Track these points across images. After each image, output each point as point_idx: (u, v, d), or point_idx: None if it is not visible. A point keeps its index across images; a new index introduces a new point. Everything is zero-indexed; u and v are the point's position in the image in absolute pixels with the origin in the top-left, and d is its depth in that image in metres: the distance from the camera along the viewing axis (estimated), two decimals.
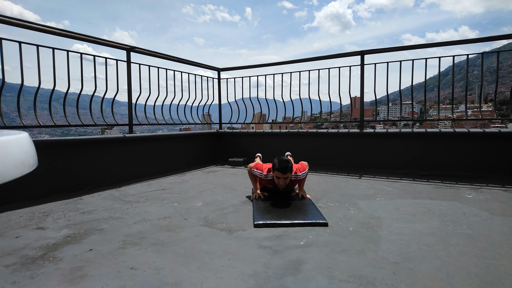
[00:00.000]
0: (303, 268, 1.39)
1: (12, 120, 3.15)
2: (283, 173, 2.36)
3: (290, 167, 2.38)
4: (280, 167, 2.36)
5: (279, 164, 2.38)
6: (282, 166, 2.36)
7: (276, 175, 2.41)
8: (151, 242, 1.72)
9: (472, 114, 5.90)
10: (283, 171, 2.35)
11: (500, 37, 3.38)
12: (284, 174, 2.36)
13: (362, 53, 3.89)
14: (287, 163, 2.38)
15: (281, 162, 2.38)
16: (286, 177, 2.39)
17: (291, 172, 2.41)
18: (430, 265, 1.40)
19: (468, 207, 2.28)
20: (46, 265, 1.45)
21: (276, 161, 2.41)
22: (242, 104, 5.06)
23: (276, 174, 2.40)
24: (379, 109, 4.26)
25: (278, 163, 2.38)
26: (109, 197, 2.74)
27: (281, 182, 2.41)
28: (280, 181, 2.41)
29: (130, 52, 3.61)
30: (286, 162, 2.38)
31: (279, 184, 2.43)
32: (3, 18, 2.51)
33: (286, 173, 2.37)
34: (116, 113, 3.57)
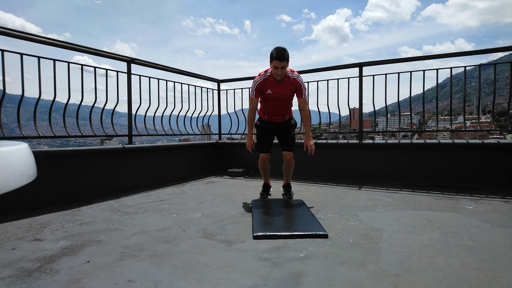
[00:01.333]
0: (303, 280, 1.37)
1: (12, 131, 3.15)
2: (280, 60, 2.50)
3: (287, 55, 2.53)
4: (277, 54, 2.50)
5: (276, 52, 2.51)
6: (279, 53, 2.49)
7: (274, 65, 2.54)
8: (149, 254, 1.70)
9: (471, 125, 5.93)
10: (280, 58, 2.49)
11: (496, 49, 3.43)
12: (282, 61, 2.50)
13: (361, 65, 3.94)
14: (284, 50, 2.51)
15: (277, 50, 2.51)
16: (283, 66, 2.53)
17: (288, 60, 2.55)
18: (431, 277, 1.38)
19: (468, 219, 2.27)
20: (43, 277, 1.43)
21: (273, 50, 2.55)
22: (241, 114, 5.08)
23: (274, 63, 2.54)
24: (378, 120, 4.28)
25: (276, 51, 2.51)
26: (108, 208, 2.72)
27: (279, 72, 2.56)
28: (278, 71, 2.55)
29: (131, 64, 3.65)
30: (283, 50, 2.51)
31: (276, 74, 2.58)
32: (6, 31, 2.55)
33: (283, 61, 2.51)
34: (115, 124, 3.58)
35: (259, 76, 2.74)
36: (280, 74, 2.59)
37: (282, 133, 2.93)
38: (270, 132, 2.96)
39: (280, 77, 2.64)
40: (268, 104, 2.84)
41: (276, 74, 2.60)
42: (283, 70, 2.58)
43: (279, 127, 2.93)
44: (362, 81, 3.94)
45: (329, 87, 4.18)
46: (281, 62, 2.52)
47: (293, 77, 2.71)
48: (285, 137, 2.90)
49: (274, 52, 2.53)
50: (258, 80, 2.72)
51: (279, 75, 2.61)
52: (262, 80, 2.72)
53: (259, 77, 2.73)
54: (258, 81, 2.72)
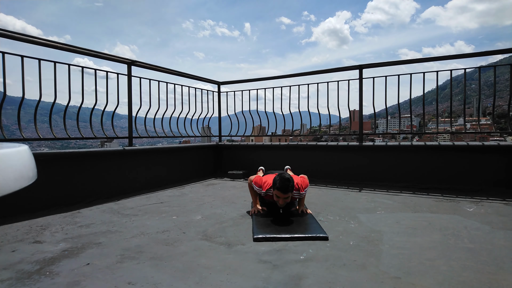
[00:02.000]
0: (304, 283, 1.37)
1: (12, 133, 3.15)
2: (283, 192, 2.24)
3: (292, 186, 2.26)
4: (280, 186, 2.23)
5: (280, 183, 2.24)
6: (283, 186, 2.23)
7: (276, 193, 2.28)
8: (149, 256, 1.69)
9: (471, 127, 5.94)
10: (283, 190, 2.23)
11: (496, 51, 3.43)
12: (285, 194, 2.24)
13: (361, 67, 3.94)
14: (288, 182, 2.25)
15: (282, 181, 2.24)
16: (286, 197, 2.27)
17: (292, 191, 2.29)
18: (432, 280, 1.38)
19: (469, 221, 2.27)
20: (42, 279, 1.43)
21: (277, 179, 2.27)
22: (241, 117, 5.08)
23: (276, 193, 2.28)
24: (378, 122, 4.28)
25: (279, 182, 2.24)
26: (108, 210, 2.71)
27: (281, 202, 2.30)
28: (280, 201, 2.29)
29: (131, 66, 3.65)
30: (287, 181, 2.25)
31: (278, 202, 2.32)
32: (7, 33, 2.55)
33: (287, 193, 2.24)
34: (116, 126, 3.58)
35: (260, 188, 2.48)
36: (283, 203, 2.32)
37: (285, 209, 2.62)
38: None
39: (283, 205, 2.36)
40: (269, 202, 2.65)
41: (279, 203, 2.33)
42: (286, 200, 2.31)
43: None
44: (362, 83, 3.94)
45: (329, 89, 4.19)
46: (285, 194, 2.25)
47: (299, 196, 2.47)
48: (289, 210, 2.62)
49: (277, 182, 2.26)
50: (259, 191, 2.51)
51: (280, 204, 2.34)
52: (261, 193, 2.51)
53: (260, 189, 2.48)
54: (259, 191, 2.52)
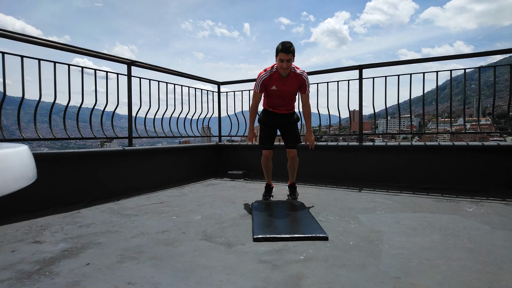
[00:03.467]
0: (303, 283, 1.37)
1: (12, 133, 3.16)
2: (286, 53, 2.51)
3: (293, 48, 2.55)
4: (283, 47, 2.52)
5: (282, 45, 2.54)
6: (285, 45, 2.52)
7: (280, 57, 2.55)
8: (149, 256, 1.69)
9: (471, 127, 5.94)
10: (286, 50, 2.51)
11: (495, 52, 3.43)
12: (287, 54, 2.52)
13: (360, 67, 3.94)
14: (290, 44, 2.55)
15: (283, 43, 2.55)
16: (289, 59, 2.55)
17: (294, 52, 2.57)
18: (431, 280, 1.38)
19: (469, 221, 2.27)
20: (42, 279, 1.43)
21: (279, 44, 2.57)
22: (241, 117, 5.08)
23: (280, 56, 2.55)
24: (378, 122, 4.28)
25: (281, 44, 2.54)
26: (107, 210, 2.71)
27: (284, 65, 2.56)
28: (284, 64, 2.56)
29: (131, 66, 3.65)
30: (289, 43, 2.54)
31: (282, 67, 2.58)
32: (6, 33, 2.55)
33: (289, 54, 2.52)
34: (115, 126, 3.58)
35: (265, 72, 2.74)
36: (286, 67, 2.60)
37: (286, 129, 2.96)
38: (273, 128, 2.98)
39: (286, 71, 2.65)
40: (272, 99, 2.87)
41: (282, 68, 2.61)
42: (288, 64, 2.59)
43: (282, 122, 2.95)
44: (362, 83, 3.94)
45: (329, 89, 4.19)
46: (287, 55, 2.53)
47: (299, 72, 2.73)
48: (289, 134, 2.94)
49: (280, 45, 2.57)
50: (264, 76, 2.74)
51: (284, 69, 2.61)
52: (267, 76, 2.73)
53: (265, 72, 2.74)
54: (264, 76, 2.74)
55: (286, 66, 2.58)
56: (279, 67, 2.63)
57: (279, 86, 2.75)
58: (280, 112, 2.93)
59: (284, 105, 2.90)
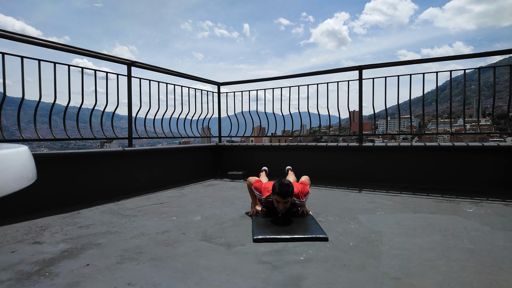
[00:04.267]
0: (303, 284, 1.37)
1: (12, 134, 3.15)
2: (283, 198, 2.23)
3: (291, 191, 2.26)
4: (280, 191, 2.22)
5: (279, 188, 2.24)
6: (283, 191, 2.22)
7: (276, 198, 2.28)
8: (148, 257, 1.69)
9: (471, 128, 5.94)
10: (283, 196, 2.22)
11: (495, 52, 3.43)
12: (284, 199, 2.23)
13: (360, 68, 3.95)
14: (288, 187, 2.24)
15: (281, 186, 2.24)
16: (286, 202, 2.26)
17: (292, 196, 2.28)
18: (431, 280, 1.38)
19: (469, 221, 2.27)
20: (42, 280, 1.42)
21: (277, 185, 2.27)
22: (241, 117, 5.08)
23: (275, 197, 2.27)
24: (377, 123, 4.28)
25: (278, 187, 2.24)
26: (107, 211, 2.71)
27: (281, 207, 2.28)
28: (280, 205, 2.28)
29: (131, 67, 3.65)
30: (287, 187, 2.24)
31: (278, 208, 2.30)
32: (6, 34, 2.55)
33: (287, 198, 2.24)
34: (115, 127, 3.58)
35: (259, 194, 2.50)
36: (283, 208, 2.30)
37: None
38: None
39: (282, 211, 2.35)
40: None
41: (279, 209, 2.32)
42: (285, 205, 2.29)
43: None
44: (362, 84, 3.95)
45: (329, 90, 4.19)
46: (284, 199, 2.24)
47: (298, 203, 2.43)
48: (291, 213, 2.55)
49: (277, 187, 2.26)
50: (260, 198, 2.51)
51: (280, 210, 2.32)
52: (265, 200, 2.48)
53: (263, 196, 2.47)
54: (260, 198, 2.51)
55: (283, 207, 2.29)
56: (276, 205, 2.33)
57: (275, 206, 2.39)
58: None
59: None
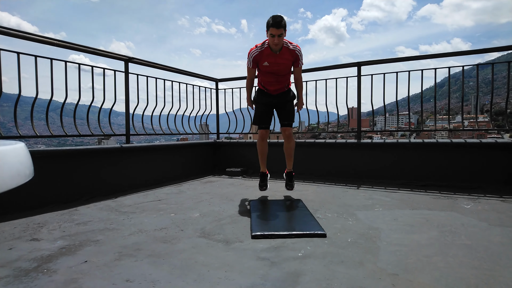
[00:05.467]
0: (302, 280, 1.37)
1: (9, 130, 3.13)
2: (277, 27, 2.40)
3: (284, 22, 2.43)
4: (274, 21, 2.41)
5: (273, 19, 2.42)
6: (276, 20, 2.41)
7: (270, 32, 2.44)
8: (147, 253, 1.69)
9: (469, 124, 5.95)
10: (277, 25, 2.40)
11: (493, 49, 3.44)
12: (278, 28, 2.41)
13: (359, 64, 3.94)
14: (281, 17, 2.43)
15: (274, 17, 2.43)
16: (280, 34, 2.43)
17: (285, 26, 2.44)
18: (429, 276, 1.39)
19: (466, 218, 2.28)
20: (40, 277, 1.42)
21: (270, 18, 2.46)
22: (239, 114, 5.07)
23: (270, 31, 2.44)
24: (376, 119, 4.28)
25: (272, 18, 2.43)
26: (105, 207, 2.71)
27: (276, 40, 2.45)
28: (275, 39, 2.44)
29: (128, 63, 3.63)
30: (279, 17, 2.43)
31: (274, 43, 2.47)
32: (2, 29, 2.52)
33: (280, 28, 2.41)
34: (113, 123, 3.57)
35: (256, 48, 2.63)
36: (277, 43, 2.48)
37: (281, 107, 2.87)
38: (269, 106, 2.88)
39: (277, 46, 2.52)
40: (266, 76, 2.77)
41: (273, 43, 2.49)
42: (280, 39, 2.46)
43: (278, 100, 2.86)
44: (361, 80, 3.94)
45: (327, 86, 4.19)
46: (278, 30, 2.42)
47: (292, 48, 2.61)
48: (285, 112, 2.85)
49: (270, 19, 2.44)
50: (254, 52, 2.63)
51: (276, 44, 2.49)
52: (258, 52, 2.62)
53: (256, 48, 2.62)
54: (254, 53, 2.63)
55: (278, 41, 2.46)
56: (271, 42, 2.51)
57: (271, 62, 2.63)
58: (275, 92, 2.83)
59: (278, 82, 2.78)
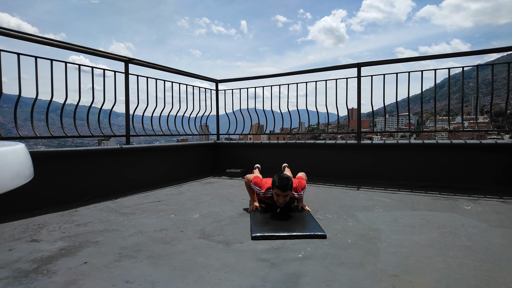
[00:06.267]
0: (302, 281, 1.37)
1: (9, 131, 3.13)
2: (283, 191, 2.30)
3: (291, 184, 2.33)
4: (280, 184, 2.30)
5: (279, 181, 2.31)
6: (283, 184, 2.30)
7: (276, 192, 2.34)
8: (147, 254, 1.69)
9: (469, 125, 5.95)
10: (283, 189, 2.29)
11: (493, 50, 3.44)
12: (284, 192, 2.30)
13: (359, 65, 3.94)
14: (288, 180, 2.32)
15: (281, 180, 2.32)
16: (286, 195, 2.33)
17: (292, 189, 2.36)
18: (429, 277, 1.38)
19: (466, 219, 2.27)
20: (40, 278, 1.42)
21: (276, 178, 2.35)
22: (239, 115, 5.07)
23: (276, 191, 2.34)
24: (376, 120, 4.28)
25: (278, 181, 2.32)
26: (105, 209, 2.71)
27: (281, 200, 2.35)
28: (280, 199, 2.35)
29: (129, 64, 3.63)
30: (286, 180, 2.32)
31: (278, 201, 2.36)
32: (2, 30, 2.52)
33: (286, 191, 2.31)
34: (113, 124, 3.56)
35: (258, 189, 2.56)
36: (282, 203, 2.38)
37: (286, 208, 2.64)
38: None
39: (282, 205, 2.40)
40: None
41: (278, 202, 2.38)
42: (285, 199, 2.36)
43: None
44: (361, 81, 3.94)
45: (327, 87, 4.19)
46: (284, 192, 2.32)
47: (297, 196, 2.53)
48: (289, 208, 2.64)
49: (277, 181, 2.34)
50: (258, 192, 2.57)
51: (281, 204, 2.38)
52: (261, 195, 2.56)
53: (261, 191, 2.54)
54: (258, 193, 2.58)
55: (283, 201, 2.36)
56: (275, 199, 2.40)
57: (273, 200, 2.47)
58: None
59: None
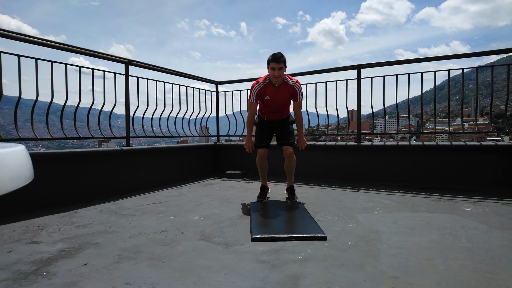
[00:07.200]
0: (302, 283, 1.37)
1: (9, 133, 3.13)
2: (277, 62, 2.65)
3: (284, 58, 2.68)
4: (273, 57, 2.66)
5: (272, 55, 2.68)
6: (276, 56, 2.65)
7: (271, 66, 2.67)
8: (146, 256, 1.69)
9: (469, 127, 5.96)
10: (277, 60, 2.64)
11: (492, 52, 3.44)
12: (278, 63, 2.65)
13: (359, 67, 3.95)
14: (280, 54, 2.68)
15: (274, 53, 2.69)
16: (280, 67, 2.67)
17: (285, 61, 2.69)
18: (429, 279, 1.38)
19: (466, 220, 2.27)
20: (39, 280, 1.42)
21: (270, 55, 2.71)
22: (240, 116, 5.07)
23: (271, 65, 2.67)
24: (376, 122, 4.29)
25: (272, 55, 2.69)
26: (105, 210, 2.70)
27: (276, 73, 2.67)
28: (275, 72, 2.66)
29: (129, 66, 3.64)
30: (279, 53, 2.68)
31: (274, 76, 2.68)
32: (3, 32, 2.53)
33: (280, 62, 2.65)
34: (113, 126, 3.56)
35: (258, 84, 2.84)
36: (278, 76, 2.69)
37: (281, 129, 3.03)
38: (269, 129, 3.06)
39: (278, 79, 2.73)
40: (267, 107, 2.97)
41: (274, 76, 2.70)
42: (280, 72, 2.68)
43: (277, 125, 3.04)
44: (361, 83, 3.95)
45: (327, 89, 4.19)
46: (278, 64, 2.65)
47: (291, 83, 2.83)
48: (284, 133, 3.00)
49: (270, 56, 2.70)
50: (257, 87, 2.84)
51: (277, 77, 2.70)
52: (261, 87, 2.84)
53: (258, 84, 2.84)
54: (257, 88, 2.84)
55: (278, 74, 2.68)
56: (271, 76, 2.73)
57: (272, 96, 2.85)
58: (274, 119, 3.03)
59: (278, 111, 2.98)
